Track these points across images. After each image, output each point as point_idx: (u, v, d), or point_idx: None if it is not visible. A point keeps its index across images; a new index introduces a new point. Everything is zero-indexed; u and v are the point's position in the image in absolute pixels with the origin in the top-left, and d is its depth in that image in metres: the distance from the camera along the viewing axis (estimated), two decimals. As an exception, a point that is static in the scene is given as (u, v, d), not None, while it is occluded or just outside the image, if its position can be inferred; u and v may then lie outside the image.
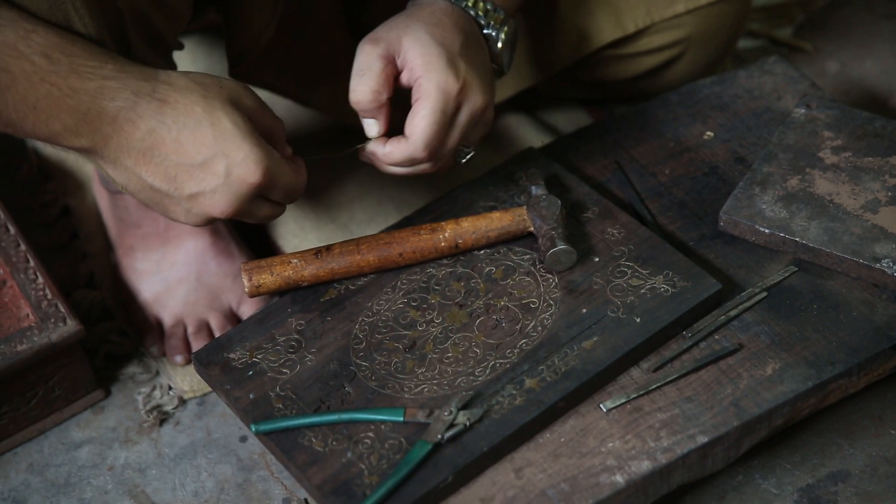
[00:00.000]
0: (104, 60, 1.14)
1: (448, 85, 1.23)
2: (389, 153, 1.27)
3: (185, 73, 1.18)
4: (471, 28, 1.28)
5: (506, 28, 1.30)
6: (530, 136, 1.68)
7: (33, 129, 1.14)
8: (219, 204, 1.18)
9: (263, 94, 1.57)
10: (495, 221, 1.35)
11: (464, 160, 1.31)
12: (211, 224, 1.24)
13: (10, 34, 1.10)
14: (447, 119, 1.25)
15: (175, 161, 1.16)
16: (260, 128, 1.20)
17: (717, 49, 1.60)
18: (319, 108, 1.60)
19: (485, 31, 1.30)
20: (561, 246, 1.31)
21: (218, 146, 1.16)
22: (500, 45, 1.31)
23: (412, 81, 1.25)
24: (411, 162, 1.27)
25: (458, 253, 1.36)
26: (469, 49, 1.26)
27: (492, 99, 1.29)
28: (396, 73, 1.26)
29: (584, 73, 1.63)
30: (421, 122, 1.24)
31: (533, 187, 1.38)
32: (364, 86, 1.24)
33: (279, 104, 1.72)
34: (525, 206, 1.36)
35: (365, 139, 1.29)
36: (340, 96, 1.39)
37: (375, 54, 1.24)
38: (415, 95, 1.25)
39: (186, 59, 1.71)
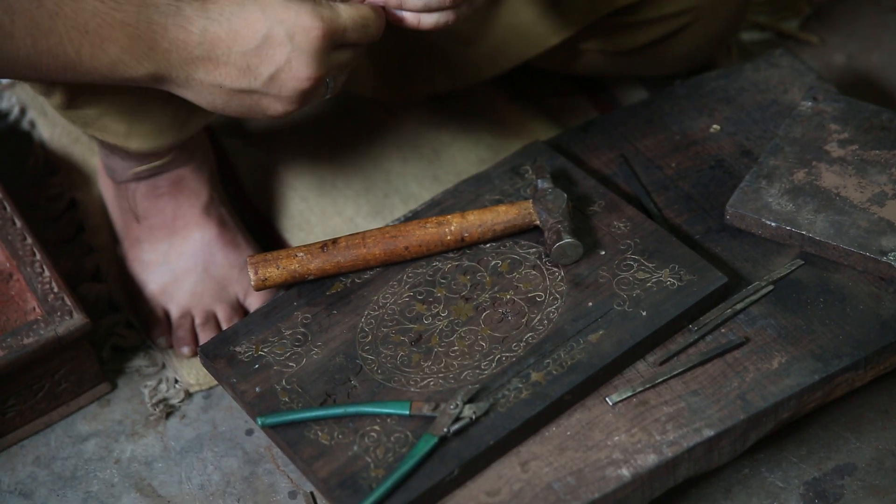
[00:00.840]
0: None
1: None
2: (413, 2, 1.22)
3: None
4: None
5: None
6: (536, 129, 1.68)
7: (92, 62, 1.12)
8: (301, 70, 1.15)
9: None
10: (501, 215, 1.35)
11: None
12: (310, 102, 1.20)
13: None
14: None
15: (240, 51, 1.15)
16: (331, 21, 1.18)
17: (725, 21, 1.59)
18: None
19: None
20: (567, 239, 1.31)
21: (269, 18, 1.14)
22: None
23: None
24: (426, 6, 1.22)
25: (464, 246, 1.36)
26: None
27: None
28: None
29: (591, 41, 1.62)
30: None
31: (539, 181, 1.37)
32: None
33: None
34: (531, 200, 1.36)
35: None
36: (358, 68, 1.37)
37: None
38: None
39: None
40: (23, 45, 1.10)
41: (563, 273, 1.33)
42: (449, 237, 1.34)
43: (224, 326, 1.48)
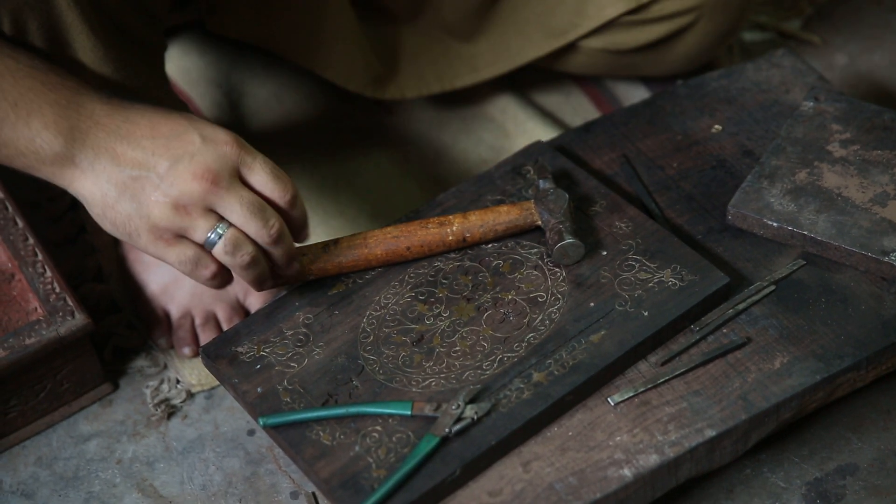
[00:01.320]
0: (84, 77, 1.19)
1: None
2: None
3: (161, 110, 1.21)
4: None
5: None
6: (537, 129, 1.68)
7: (13, 132, 1.15)
8: (200, 163, 1.16)
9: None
10: (503, 215, 1.35)
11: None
12: (175, 253, 1.21)
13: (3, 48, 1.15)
14: None
15: (150, 139, 1.17)
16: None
17: (728, 19, 1.60)
18: (311, 66, 1.58)
19: None
20: (568, 240, 1.31)
21: (191, 124, 1.18)
22: None
23: None
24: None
25: (465, 247, 1.36)
26: None
27: None
28: None
29: (595, 40, 1.63)
30: None
31: (541, 181, 1.37)
32: None
33: (285, 102, 1.72)
34: (532, 200, 1.36)
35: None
36: (342, 59, 1.38)
37: None
38: None
39: (176, 61, 1.71)
40: None
41: (564, 273, 1.33)
42: (451, 237, 1.34)
43: (224, 327, 1.48)
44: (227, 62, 1.74)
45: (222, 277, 1.23)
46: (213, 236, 1.19)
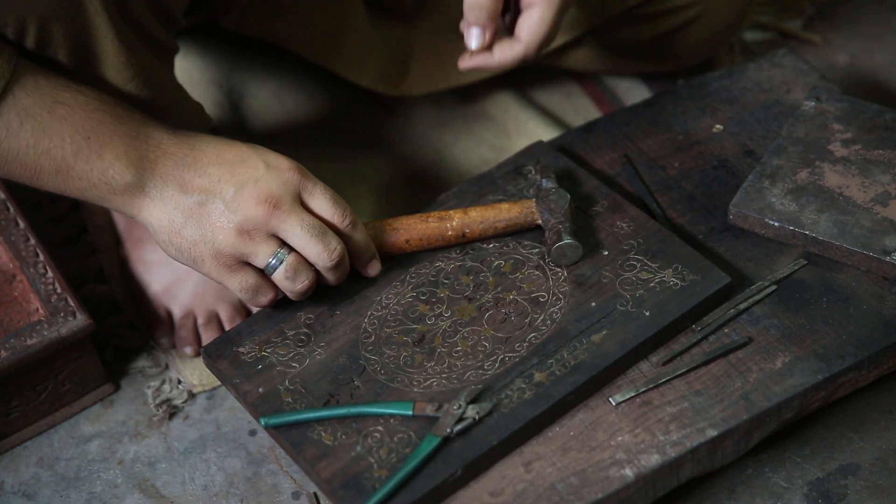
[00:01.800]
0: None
1: None
2: (503, 58, 1.33)
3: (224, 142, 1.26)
4: None
5: None
6: (538, 129, 1.68)
7: (88, 164, 1.19)
8: (265, 188, 1.21)
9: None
10: (503, 212, 1.35)
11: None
12: (242, 268, 1.25)
13: (57, 79, 1.19)
14: (557, 24, 1.32)
15: (218, 164, 1.22)
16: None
17: (731, 14, 1.60)
18: (328, 65, 1.60)
19: None
20: (567, 240, 1.31)
21: (254, 151, 1.23)
22: None
23: None
24: (522, 64, 1.33)
25: (465, 242, 1.36)
26: None
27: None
28: None
29: (598, 36, 1.63)
30: (540, 27, 1.31)
31: (543, 180, 1.37)
32: None
33: (289, 101, 1.72)
34: (534, 199, 1.36)
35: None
36: (354, 56, 1.40)
37: None
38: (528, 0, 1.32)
39: (178, 62, 1.71)
40: (24, 143, 1.18)
41: (566, 273, 1.33)
42: (450, 232, 1.34)
43: (226, 326, 1.48)
44: (228, 63, 1.74)
45: (276, 300, 1.28)
46: (273, 261, 1.24)
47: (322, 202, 1.25)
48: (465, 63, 1.37)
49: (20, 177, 1.21)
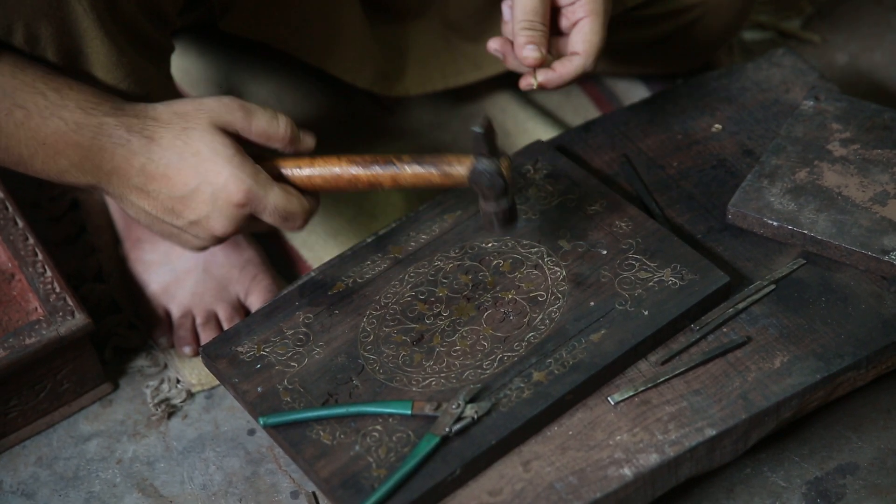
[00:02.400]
0: (105, 98, 1.22)
1: (607, 4, 1.32)
2: (563, 74, 1.32)
3: (171, 103, 1.25)
4: None
5: None
6: (537, 128, 1.68)
7: (42, 166, 1.23)
8: (217, 226, 1.24)
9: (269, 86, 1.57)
10: (435, 179, 1.26)
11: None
12: (222, 242, 1.29)
13: (30, 73, 1.20)
14: (606, 30, 1.32)
15: (167, 194, 1.23)
16: (253, 136, 1.25)
17: (732, 15, 1.60)
18: (323, 65, 1.59)
19: None
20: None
21: (200, 175, 1.22)
22: None
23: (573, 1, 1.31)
24: (582, 77, 1.32)
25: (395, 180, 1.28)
26: None
27: None
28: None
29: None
30: (594, 37, 1.31)
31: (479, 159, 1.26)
32: (539, 4, 1.30)
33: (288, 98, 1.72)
34: (468, 177, 1.25)
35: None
36: (351, 57, 1.40)
37: None
38: (579, 14, 1.31)
39: (176, 61, 1.70)
40: None
41: (564, 273, 1.33)
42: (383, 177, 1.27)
43: (225, 326, 1.48)
44: (227, 62, 1.74)
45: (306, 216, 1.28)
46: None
47: (273, 210, 1.25)
48: (530, 83, 1.32)
49: None
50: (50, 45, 1.20)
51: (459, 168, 1.24)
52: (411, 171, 1.25)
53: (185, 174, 1.22)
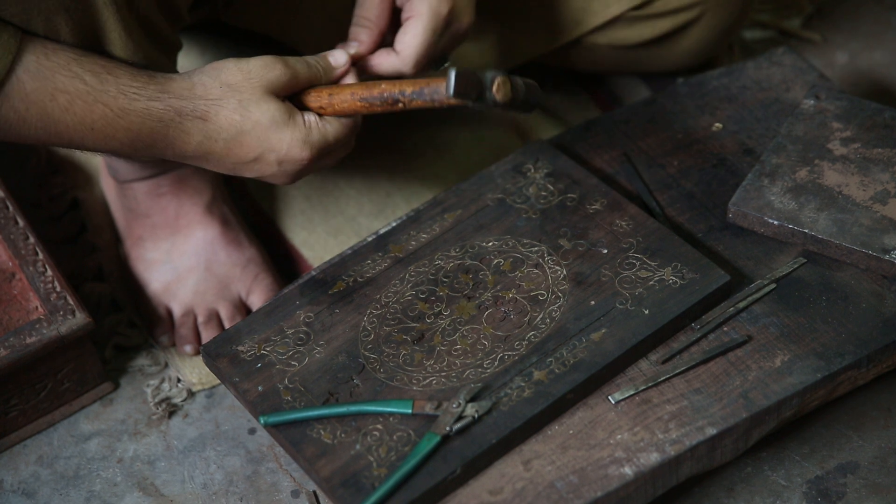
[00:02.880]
0: (145, 81, 1.21)
1: (440, 7, 1.29)
2: (379, 63, 1.32)
3: (216, 71, 1.24)
4: None
5: None
6: (538, 127, 1.68)
7: (94, 147, 1.23)
8: (284, 180, 1.27)
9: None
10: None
11: (440, 69, 1.34)
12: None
13: (62, 56, 1.18)
14: (436, 38, 1.30)
15: (231, 161, 1.25)
16: (300, 87, 1.26)
17: (732, 14, 1.60)
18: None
19: None
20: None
21: (262, 145, 1.23)
22: None
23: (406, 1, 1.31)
24: (398, 74, 1.32)
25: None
26: None
27: (473, 18, 1.35)
28: None
29: (600, 36, 1.62)
30: (413, 40, 1.30)
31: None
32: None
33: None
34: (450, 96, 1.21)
35: None
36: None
37: None
38: (407, 13, 1.30)
39: (180, 59, 1.70)
40: (34, 128, 1.19)
41: (565, 272, 1.33)
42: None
43: (226, 325, 1.48)
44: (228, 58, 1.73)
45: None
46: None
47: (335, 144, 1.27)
48: (340, 59, 1.31)
49: (44, 144, 1.26)
50: (69, 39, 1.19)
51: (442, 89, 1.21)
52: (415, 105, 1.25)
53: (246, 146, 1.23)
